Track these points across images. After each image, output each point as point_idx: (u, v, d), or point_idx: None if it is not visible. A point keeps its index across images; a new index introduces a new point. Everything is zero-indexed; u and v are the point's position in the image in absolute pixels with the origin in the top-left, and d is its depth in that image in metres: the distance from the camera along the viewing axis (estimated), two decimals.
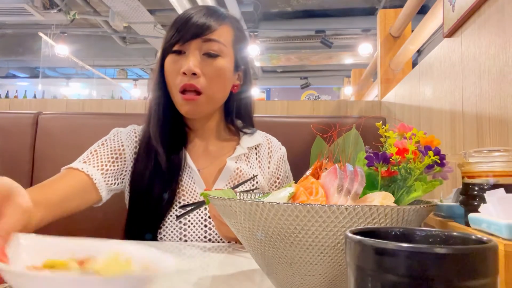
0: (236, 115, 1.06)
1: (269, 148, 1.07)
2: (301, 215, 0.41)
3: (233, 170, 0.97)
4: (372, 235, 0.33)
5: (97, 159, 0.91)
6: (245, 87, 1.04)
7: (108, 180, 0.91)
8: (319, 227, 0.41)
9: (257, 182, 0.99)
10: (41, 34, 5.23)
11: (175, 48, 0.91)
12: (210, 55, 0.91)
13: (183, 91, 0.91)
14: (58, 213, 0.80)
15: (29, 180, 1.32)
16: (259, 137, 1.06)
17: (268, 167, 1.05)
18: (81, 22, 5.87)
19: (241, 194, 0.62)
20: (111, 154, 0.94)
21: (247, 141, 1.03)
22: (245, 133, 1.05)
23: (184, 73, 0.89)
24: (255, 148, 1.05)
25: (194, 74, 0.89)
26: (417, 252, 0.26)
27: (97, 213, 1.22)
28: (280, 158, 1.07)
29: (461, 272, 0.25)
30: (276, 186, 1.05)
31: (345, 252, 0.31)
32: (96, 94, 8.58)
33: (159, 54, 0.97)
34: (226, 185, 0.96)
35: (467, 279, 0.26)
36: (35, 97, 7.58)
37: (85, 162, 0.90)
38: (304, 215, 0.41)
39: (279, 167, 1.06)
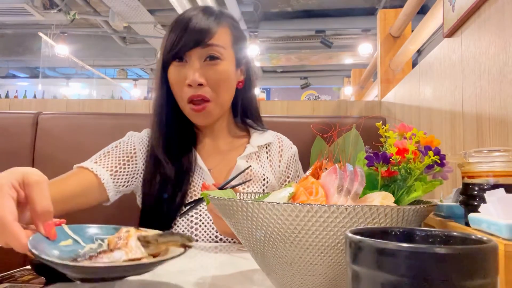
0: (244, 111, 1.06)
1: (279, 147, 1.07)
2: (301, 215, 0.41)
3: (243, 169, 0.97)
4: (372, 235, 0.33)
5: (108, 161, 0.94)
6: (249, 81, 1.05)
7: (117, 182, 0.93)
8: (319, 227, 0.41)
9: (250, 175, 0.99)
10: (41, 34, 5.23)
11: (177, 57, 0.91)
12: (212, 58, 0.91)
13: (191, 101, 0.92)
14: (68, 207, 0.85)
15: None
16: (270, 136, 1.06)
17: (279, 166, 1.04)
18: (81, 22, 5.87)
19: (241, 194, 0.62)
20: (123, 156, 0.96)
21: (257, 139, 1.03)
22: (256, 129, 1.06)
23: (190, 85, 0.90)
24: (266, 147, 1.05)
25: (199, 84, 0.90)
26: (417, 252, 0.26)
27: (98, 215, 1.22)
28: (291, 157, 1.07)
29: (461, 272, 0.25)
30: (285, 185, 1.05)
31: (345, 252, 0.31)
32: (96, 94, 8.58)
33: (159, 56, 0.97)
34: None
35: (467, 279, 0.26)
36: (35, 97, 7.57)
37: (96, 162, 0.93)
38: (304, 215, 0.41)
39: (289, 166, 1.06)
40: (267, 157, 1.04)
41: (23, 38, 6.65)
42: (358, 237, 0.29)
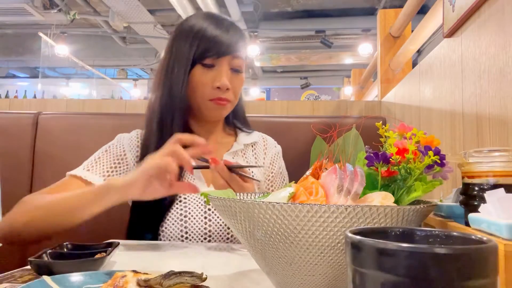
0: (233, 113, 1.11)
1: (264, 145, 1.15)
2: (301, 215, 0.41)
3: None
4: (372, 235, 0.33)
5: (100, 166, 0.97)
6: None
7: None
8: (319, 227, 0.41)
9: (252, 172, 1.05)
10: (41, 34, 5.22)
11: (207, 62, 0.96)
12: (237, 71, 1.00)
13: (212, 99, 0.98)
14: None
15: (29, 180, 1.32)
16: (256, 136, 1.14)
17: (263, 163, 1.12)
18: (81, 22, 5.87)
19: (241, 194, 0.62)
20: (114, 160, 0.99)
21: (244, 138, 1.10)
22: (243, 130, 1.12)
23: (218, 87, 0.96)
24: (252, 146, 1.12)
25: (227, 89, 0.98)
26: (417, 252, 0.26)
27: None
28: (275, 154, 1.15)
29: (461, 272, 0.25)
30: (269, 179, 1.12)
31: (345, 252, 0.31)
32: (96, 94, 8.58)
33: (170, 56, 0.99)
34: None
35: (467, 279, 0.26)
36: (35, 97, 7.57)
37: (88, 170, 0.95)
38: (304, 215, 0.41)
39: (273, 162, 1.14)
40: (253, 155, 1.11)
41: (23, 38, 6.65)
42: (358, 237, 0.29)
